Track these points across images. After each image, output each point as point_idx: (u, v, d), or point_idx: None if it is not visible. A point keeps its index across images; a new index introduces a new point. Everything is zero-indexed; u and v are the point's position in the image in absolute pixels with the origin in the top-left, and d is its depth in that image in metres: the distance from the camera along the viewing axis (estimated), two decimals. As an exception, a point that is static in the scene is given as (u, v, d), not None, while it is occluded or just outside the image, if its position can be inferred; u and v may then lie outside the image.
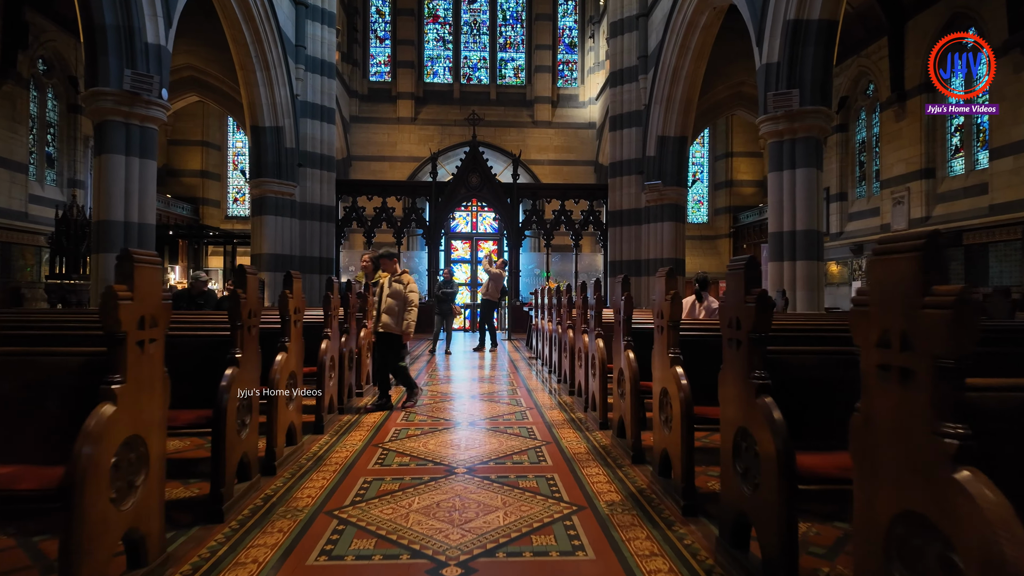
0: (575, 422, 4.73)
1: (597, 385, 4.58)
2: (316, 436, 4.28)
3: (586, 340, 5.02)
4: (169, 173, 20.46)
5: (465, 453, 3.79)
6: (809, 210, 8.84)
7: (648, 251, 14.89)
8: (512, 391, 6.14)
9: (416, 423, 4.63)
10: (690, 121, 14.48)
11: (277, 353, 3.61)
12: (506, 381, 6.86)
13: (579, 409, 5.20)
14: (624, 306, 3.84)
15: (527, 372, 7.73)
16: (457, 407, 5.29)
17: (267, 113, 13.81)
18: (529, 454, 3.80)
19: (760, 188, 21.80)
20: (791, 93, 8.60)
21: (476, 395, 5.92)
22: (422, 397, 5.79)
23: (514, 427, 4.51)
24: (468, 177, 15.90)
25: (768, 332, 2.26)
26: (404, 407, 5.16)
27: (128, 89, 8.04)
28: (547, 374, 7.46)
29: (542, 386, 6.53)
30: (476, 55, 22.00)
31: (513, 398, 5.76)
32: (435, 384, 6.65)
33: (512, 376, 7.32)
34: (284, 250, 14.24)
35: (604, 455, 3.75)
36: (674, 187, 14.49)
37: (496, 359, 9.34)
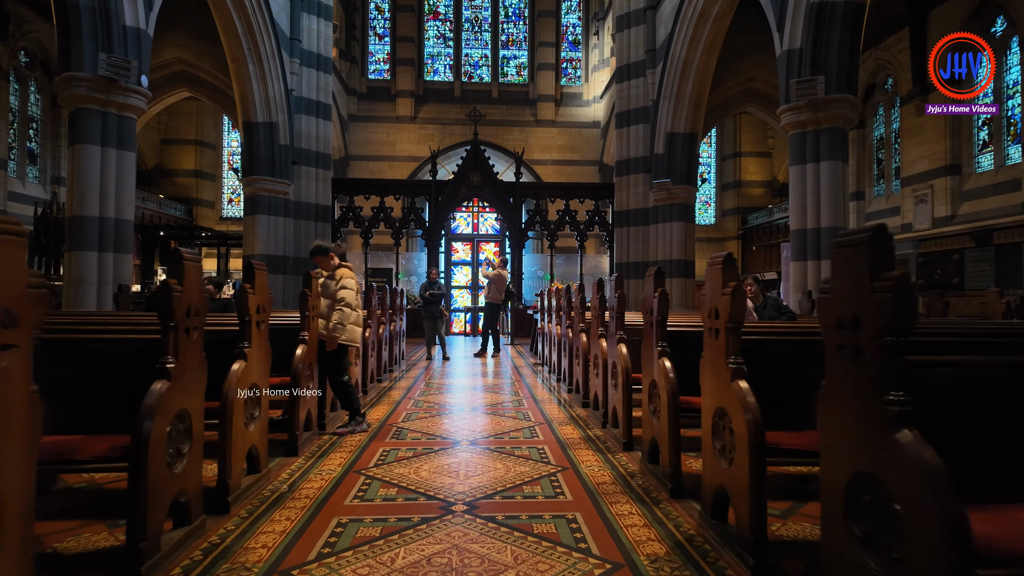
0: (593, 441, 4.12)
1: (620, 399, 3.93)
2: (289, 459, 3.65)
3: (603, 346, 4.42)
4: (162, 173, 19.95)
5: (465, 483, 3.17)
6: (835, 206, 8.25)
7: (656, 252, 14.29)
8: (518, 402, 5.54)
9: (408, 442, 4.03)
10: (700, 117, 13.91)
11: (234, 361, 2.98)
12: (510, 390, 6.28)
13: (596, 424, 4.58)
14: (658, 305, 3.23)
15: (533, 380, 7.14)
16: (456, 422, 4.67)
17: (260, 108, 13.26)
18: (543, 484, 3.19)
19: (769, 189, 21.24)
20: (816, 80, 8.02)
21: (477, 407, 5.33)
22: (418, 409, 5.20)
23: (522, 447, 3.90)
24: (469, 176, 15.33)
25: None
26: (338, 432, 4.22)
27: (104, 75, 7.48)
28: (555, 382, 6.87)
29: (550, 396, 5.93)
30: (477, 52, 21.48)
31: (519, 411, 5.16)
32: (431, 394, 6.06)
33: (517, 384, 6.74)
34: (277, 251, 13.67)
35: (635, 486, 3.14)
36: (684, 186, 13.91)
37: (499, 365, 8.74)
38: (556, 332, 6.78)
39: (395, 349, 7.70)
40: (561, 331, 6.60)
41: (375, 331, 6.14)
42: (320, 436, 4.23)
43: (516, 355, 10.71)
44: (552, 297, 7.38)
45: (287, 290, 13.58)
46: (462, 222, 19.61)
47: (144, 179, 19.18)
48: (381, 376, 6.76)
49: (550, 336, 7.44)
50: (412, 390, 6.21)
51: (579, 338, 5.28)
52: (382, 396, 5.83)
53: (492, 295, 10.04)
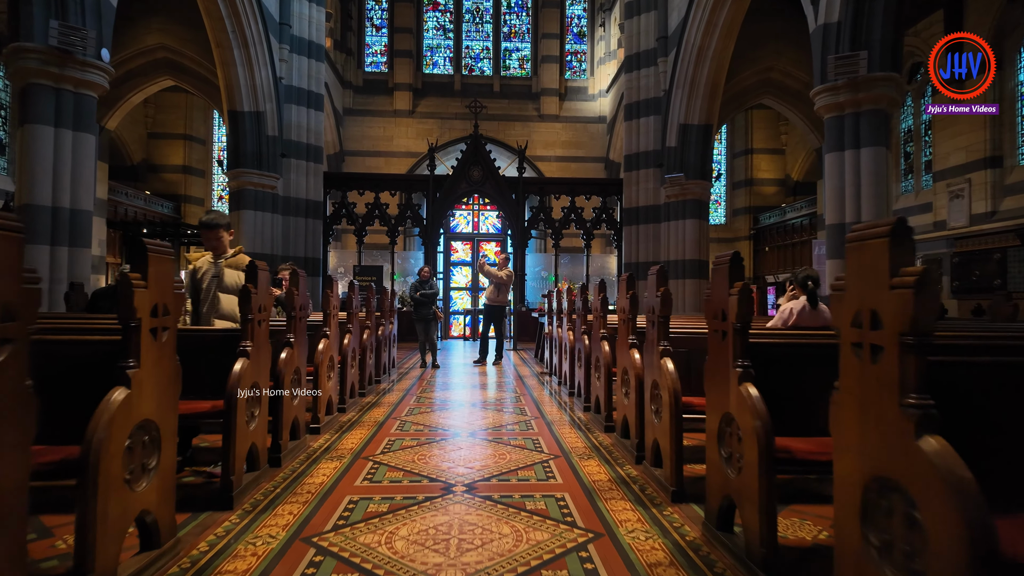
0: (627, 485, 3.15)
1: (666, 431, 2.97)
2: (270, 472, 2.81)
3: (635, 359, 3.53)
4: (149, 168, 19.10)
5: (457, 563, 2.19)
6: (876, 196, 7.39)
7: (668, 251, 13.43)
8: (525, 423, 4.63)
9: (385, 487, 3.03)
10: (716, 107, 13.06)
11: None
12: (515, 407, 5.38)
13: (626, 458, 3.61)
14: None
15: (540, 393, 6.25)
16: (448, 454, 3.71)
17: (246, 96, 12.42)
18: (570, 562, 2.22)
19: (782, 187, 20.38)
20: (857, 56, 7.16)
21: (476, 431, 4.39)
22: (405, 433, 4.31)
23: (536, 496, 2.91)
24: (469, 171, 14.47)
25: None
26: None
27: (57, 46, 6.63)
28: (566, 396, 5.99)
29: (563, 415, 5.03)
30: (478, 45, 20.64)
31: (528, 436, 4.25)
32: (421, 412, 5.10)
33: (522, 399, 5.86)
34: (265, 248, 12.80)
35: (704, 565, 2.19)
36: (698, 180, 13.06)
37: (501, 375, 7.85)
38: (567, 339, 5.89)
39: (384, 356, 6.82)
40: (574, 338, 5.71)
41: (357, 337, 5.26)
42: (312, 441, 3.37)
43: (519, 362, 9.83)
44: (562, 298, 6.48)
45: (275, 291, 12.72)
46: (462, 220, 18.74)
47: (129, 174, 18.38)
48: (366, 388, 5.88)
49: (559, 343, 6.56)
50: (400, 406, 5.32)
51: (600, 347, 4.39)
52: (364, 414, 4.98)
53: (495, 297, 8.93)
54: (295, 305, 3.56)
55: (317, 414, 4.09)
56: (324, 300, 5.31)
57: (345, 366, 4.80)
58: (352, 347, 5.01)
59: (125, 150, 18.31)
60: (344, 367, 4.80)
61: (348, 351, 4.82)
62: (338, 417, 4.65)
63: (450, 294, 16.83)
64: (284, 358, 3.42)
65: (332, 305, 5.13)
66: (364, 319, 5.72)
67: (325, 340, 4.19)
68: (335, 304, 5.38)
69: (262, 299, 3.11)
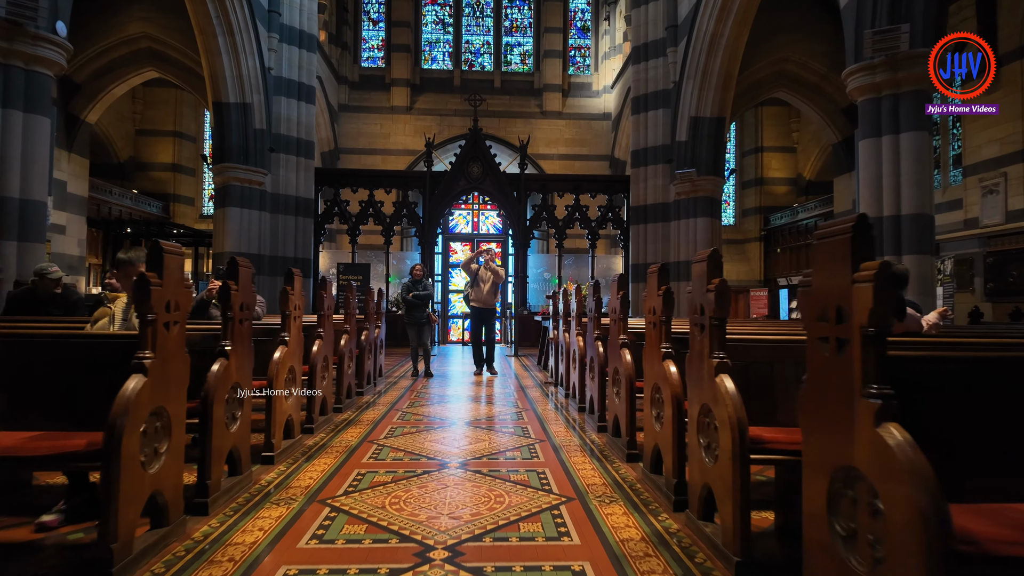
0: (666, 544, 2.33)
1: (726, 477, 2.21)
2: (183, 528, 2.06)
3: (672, 374, 2.80)
4: (137, 167, 18.43)
5: None
6: (919, 187, 6.64)
7: (678, 252, 12.69)
8: (528, 449, 3.84)
9: (337, 551, 2.21)
10: (729, 99, 12.34)
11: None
12: (515, 426, 4.58)
13: (662, 503, 2.78)
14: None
15: (544, 407, 5.47)
16: (432, 493, 2.91)
17: (231, 87, 11.73)
18: None
19: (794, 187, 19.65)
20: (898, 30, 6.43)
21: (468, 461, 3.52)
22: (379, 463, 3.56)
23: (544, 567, 2.10)
24: (468, 167, 13.76)
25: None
26: None
27: (4, 16, 5.92)
28: (575, 411, 5.20)
29: (573, 436, 4.22)
30: (479, 39, 19.96)
31: (531, 466, 3.41)
32: (404, 433, 4.23)
33: (524, 416, 5.03)
34: (251, 248, 12.08)
35: None
36: (709, 176, 12.33)
37: (500, 385, 7.05)
38: (576, 345, 5.12)
39: (367, 365, 6.05)
40: (584, 344, 4.94)
41: (329, 344, 4.48)
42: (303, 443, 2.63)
43: (521, 370, 9.06)
44: (570, 299, 5.70)
45: (263, 293, 12.00)
46: (461, 220, 18.02)
47: (116, 172, 17.72)
48: (343, 403, 5.12)
49: (566, 350, 5.79)
50: (380, 426, 4.53)
51: (620, 357, 3.62)
52: (336, 435, 4.16)
53: (479, 297, 7.74)
54: (234, 304, 2.90)
55: (271, 438, 3.33)
56: (317, 302, 4.73)
57: (314, 378, 4.05)
58: (324, 355, 4.26)
59: (111, 147, 17.64)
60: (312, 379, 4.05)
61: (318, 360, 4.07)
62: (303, 440, 3.89)
63: (449, 297, 16.10)
64: (216, 371, 2.72)
65: (327, 307, 4.51)
66: (342, 323, 4.98)
67: (283, 348, 3.44)
68: (330, 305, 4.79)
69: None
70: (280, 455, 3.41)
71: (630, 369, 3.48)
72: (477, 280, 7.75)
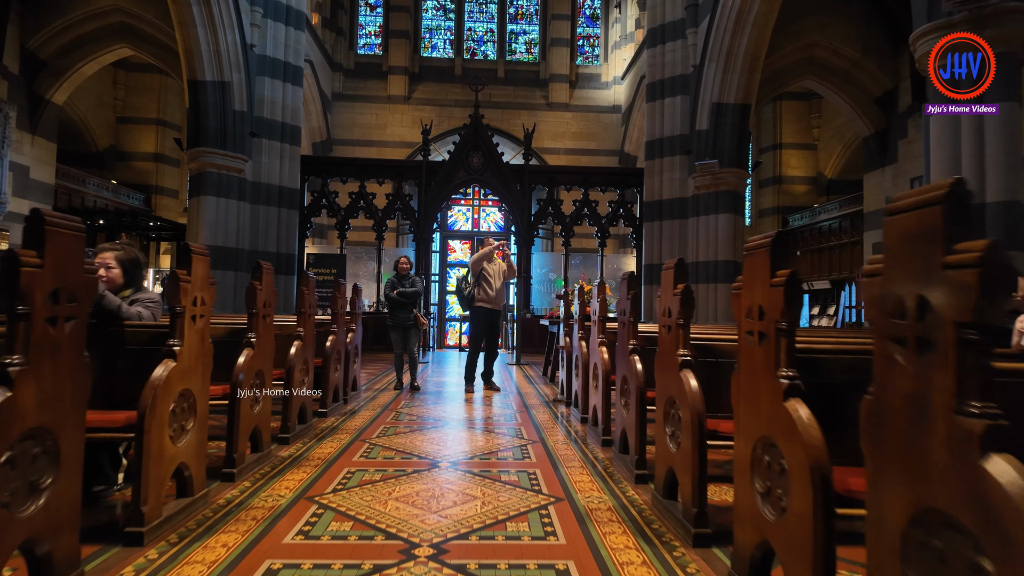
0: None
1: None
2: None
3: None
4: (116, 156, 17.34)
5: None
6: (1008, 168, 5.53)
7: (696, 251, 11.58)
8: (539, 518, 2.59)
9: None
10: (755, 84, 11.26)
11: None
12: (519, 472, 3.32)
13: None
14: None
15: (555, 437, 4.22)
16: None
17: (208, 63, 10.66)
18: None
19: (814, 186, 18.53)
20: (987, -22, 5.32)
21: (449, 537, 2.34)
22: (312, 547, 2.42)
23: None
24: (468, 156, 12.66)
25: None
26: None
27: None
28: (597, 445, 3.99)
29: (603, 493, 2.95)
30: (482, 26, 18.90)
31: (547, 551, 2.24)
32: (365, 480, 3.05)
33: (530, 454, 3.75)
34: (229, 242, 11.00)
35: None
36: (733, 169, 11.23)
37: (499, 404, 5.83)
38: (601, 360, 3.92)
39: (336, 377, 4.87)
40: (608, 359, 3.75)
41: (263, 355, 3.27)
42: None
43: (523, 381, 7.92)
44: (589, 300, 4.48)
45: (240, 292, 10.90)
46: (460, 217, 16.94)
47: (94, 161, 16.65)
48: (294, 431, 3.89)
49: (583, 364, 4.61)
50: (334, 467, 3.31)
51: (679, 381, 2.44)
52: (266, 485, 2.96)
53: (489, 296, 6.50)
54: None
55: (139, 506, 2.17)
56: (299, 300, 4.12)
57: (234, 406, 2.91)
58: (258, 369, 3.13)
59: (89, 134, 16.57)
60: (233, 407, 2.91)
61: (239, 376, 2.92)
62: (214, 497, 2.73)
63: (446, 299, 14.99)
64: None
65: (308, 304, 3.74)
66: (296, 327, 3.86)
67: (169, 362, 2.31)
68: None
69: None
70: (155, 530, 2.26)
71: (695, 401, 2.36)
72: (484, 276, 6.54)
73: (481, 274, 6.56)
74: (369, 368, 9.29)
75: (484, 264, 6.58)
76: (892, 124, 12.63)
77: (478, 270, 6.56)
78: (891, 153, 12.61)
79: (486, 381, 6.61)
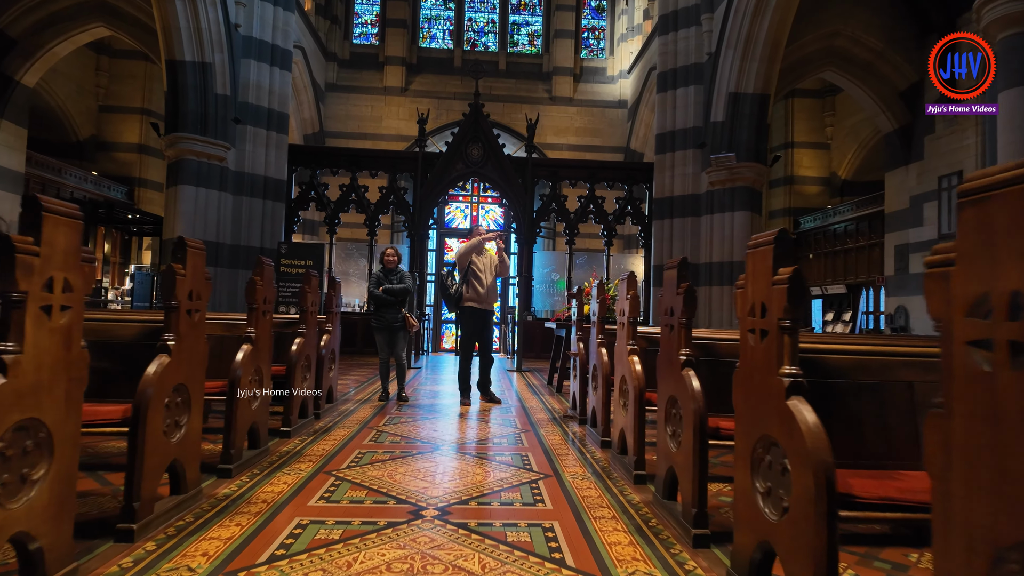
0: None
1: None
2: None
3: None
4: (98, 146, 16.52)
5: None
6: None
7: (710, 251, 10.84)
8: None
9: None
10: (775, 72, 10.55)
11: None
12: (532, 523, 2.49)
13: None
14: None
15: (572, 468, 3.38)
16: None
17: (187, 42, 9.88)
18: None
19: (827, 187, 17.82)
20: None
21: None
22: None
23: None
24: (467, 148, 11.89)
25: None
26: None
27: None
28: (621, 476, 3.25)
29: (634, 540, 2.30)
30: (483, 16, 18.16)
31: None
32: (319, 538, 2.19)
33: (544, 497, 2.89)
34: (209, 235, 10.19)
35: None
36: (751, 163, 10.51)
37: (501, 420, 5.06)
38: (630, 372, 3.09)
39: (304, 389, 4.03)
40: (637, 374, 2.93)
41: (189, 363, 2.43)
42: None
43: (526, 390, 7.13)
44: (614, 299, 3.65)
45: (221, 288, 10.10)
46: (458, 214, 16.16)
47: (74, 152, 15.84)
48: (234, 461, 3.01)
49: (602, 376, 3.80)
50: (284, 512, 2.52)
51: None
52: (190, 536, 2.22)
53: (479, 295, 5.67)
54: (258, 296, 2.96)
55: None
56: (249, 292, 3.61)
57: (138, 435, 2.08)
58: (178, 383, 2.31)
59: (69, 123, 15.76)
60: (137, 438, 2.08)
61: (145, 399, 2.08)
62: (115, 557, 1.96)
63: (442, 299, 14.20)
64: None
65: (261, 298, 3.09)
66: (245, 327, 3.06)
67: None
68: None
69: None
70: None
71: (818, 441, 1.61)
72: (472, 272, 5.69)
73: (470, 268, 5.69)
74: (356, 373, 8.50)
75: (473, 257, 5.72)
76: (918, 119, 11.90)
77: (466, 263, 5.69)
78: (916, 150, 11.88)
79: (483, 391, 5.75)
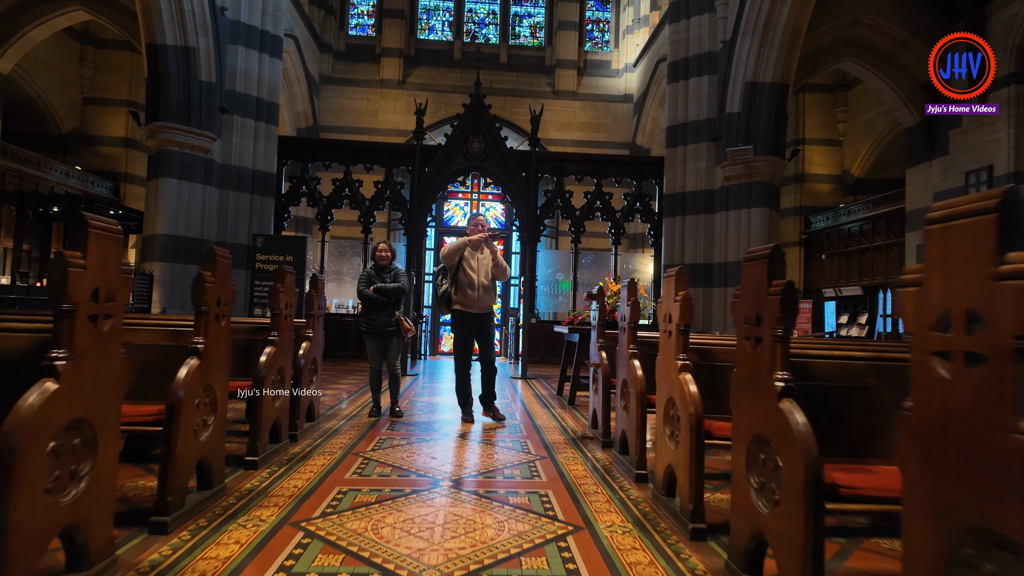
0: None
1: None
2: None
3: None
4: (83, 140, 15.86)
5: None
6: None
7: (725, 251, 10.24)
8: None
9: None
10: (794, 61, 9.96)
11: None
12: None
13: None
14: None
15: (607, 516, 2.62)
16: None
17: (169, 25, 9.24)
18: None
19: (839, 185, 17.22)
20: None
21: None
22: None
23: None
24: (468, 141, 11.25)
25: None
26: None
27: None
28: (672, 527, 2.51)
29: None
30: (484, 7, 17.53)
31: None
32: None
33: (575, 555, 2.18)
34: (192, 231, 9.57)
35: None
36: (769, 157, 9.90)
37: (509, 444, 4.38)
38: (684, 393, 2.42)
39: (273, 410, 3.37)
40: (697, 395, 2.30)
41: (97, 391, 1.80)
42: None
43: (534, 403, 6.47)
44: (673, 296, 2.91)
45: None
46: (457, 212, 15.53)
47: (57, 145, 15.19)
48: (169, 516, 2.27)
49: (636, 395, 3.16)
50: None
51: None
52: None
53: (469, 297, 5.01)
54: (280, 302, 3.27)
55: None
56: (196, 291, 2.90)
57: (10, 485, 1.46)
58: (76, 418, 1.68)
59: (51, 115, 15.10)
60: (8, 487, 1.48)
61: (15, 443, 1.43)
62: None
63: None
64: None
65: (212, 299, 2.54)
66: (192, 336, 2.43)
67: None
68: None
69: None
70: None
71: None
72: (462, 271, 5.03)
73: (460, 267, 5.03)
74: (348, 381, 7.85)
75: (465, 254, 5.04)
76: (942, 112, 11.30)
77: (452, 262, 5.01)
78: (941, 144, 11.28)
79: (486, 406, 5.03)
